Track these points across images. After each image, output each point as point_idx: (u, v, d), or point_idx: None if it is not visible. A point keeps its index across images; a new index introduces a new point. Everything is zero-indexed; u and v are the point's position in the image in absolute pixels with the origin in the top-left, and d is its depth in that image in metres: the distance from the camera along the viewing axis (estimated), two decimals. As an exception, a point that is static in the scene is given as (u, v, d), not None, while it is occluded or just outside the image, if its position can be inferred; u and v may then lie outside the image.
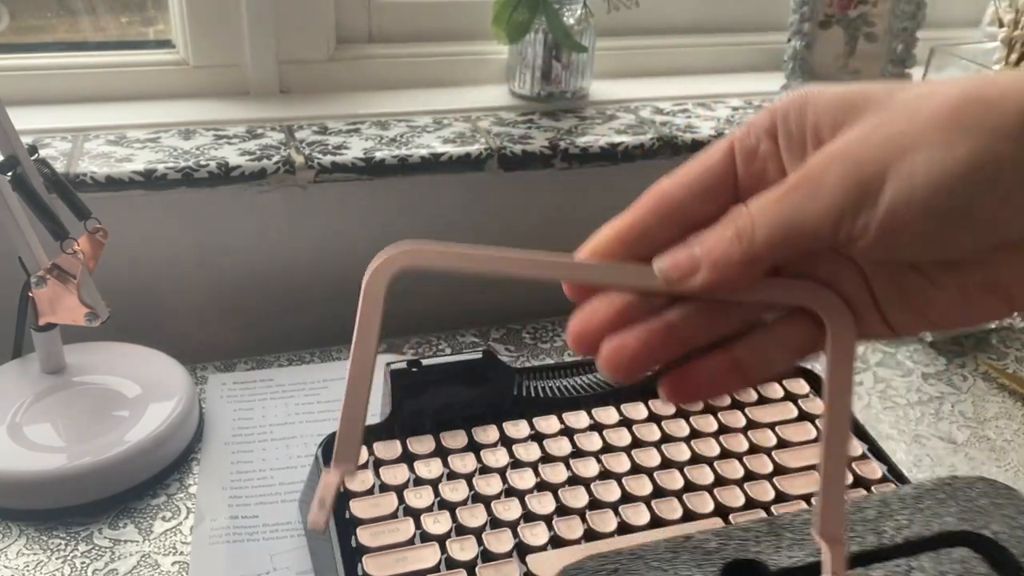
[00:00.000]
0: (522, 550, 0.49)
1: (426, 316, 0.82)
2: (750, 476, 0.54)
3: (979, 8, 1.00)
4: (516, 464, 0.54)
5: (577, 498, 0.52)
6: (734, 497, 0.53)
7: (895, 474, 0.56)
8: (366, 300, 0.30)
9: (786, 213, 0.27)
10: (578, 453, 0.55)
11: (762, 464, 0.55)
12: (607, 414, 0.57)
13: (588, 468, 0.54)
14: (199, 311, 0.76)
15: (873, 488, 0.54)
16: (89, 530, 0.54)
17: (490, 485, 0.52)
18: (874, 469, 0.56)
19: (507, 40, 0.81)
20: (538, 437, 0.56)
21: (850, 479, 0.55)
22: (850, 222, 0.26)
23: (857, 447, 0.57)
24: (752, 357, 0.30)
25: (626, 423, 0.57)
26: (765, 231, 0.27)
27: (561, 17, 0.80)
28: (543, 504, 0.51)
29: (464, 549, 0.48)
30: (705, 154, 0.31)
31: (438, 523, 0.49)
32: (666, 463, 0.55)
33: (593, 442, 0.55)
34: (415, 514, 0.50)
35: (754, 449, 0.56)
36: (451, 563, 0.48)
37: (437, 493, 0.51)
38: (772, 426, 0.57)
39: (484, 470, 0.53)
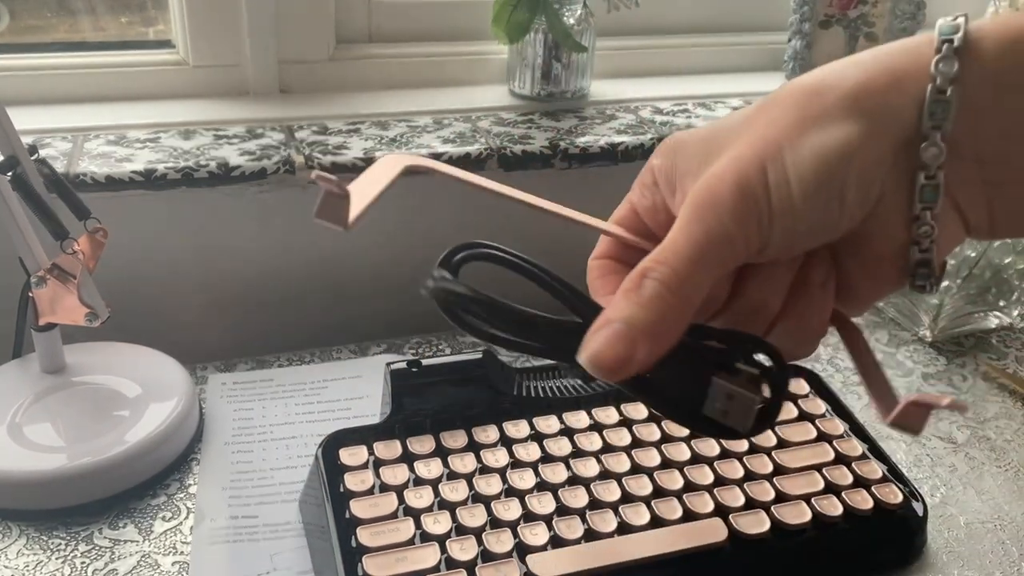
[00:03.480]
0: (522, 550, 0.49)
1: (426, 316, 0.81)
2: (750, 476, 0.54)
3: (979, 9, 1.00)
4: (516, 464, 0.54)
5: (577, 498, 0.52)
6: (734, 497, 0.53)
7: (895, 474, 0.56)
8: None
9: (697, 240, 0.28)
10: (578, 453, 0.55)
11: (762, 464, 0.55)
12: (607, 414, 0.57)
13: (588, 468, 0.54)
14: (199, 311, 0.76)
15: (874, 488, 0.54)
16: (89, 530, 0.54)
17: (490, 485, 0.52)
18: (874, 469, 0.56)
19: (507, 40, 0.81)
20: (538, 437, 0.56)
21: (859, 450, 0.56)
22: (755, 227, 0.28)
23: (857, 447, 0.57)
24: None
25: (626, 423, 0.57)
26: (686, 267, 0.28)
27: (561, 17, 0.80)
28: (543, 504, 0.51)
29: (464, 549, 0.48)
30: (614, 222, 0.35)
31: (438, 523, 0.49)
32: (666, 463, 0.55)
33: (593, 442, 0.55)
34: (415, 514, 0.50)
35: (754, 449, 0.56)
36: (451, 563, 0.47)
37: (437, 493, 0.51)
38: (772, 426, 0.58)
39: (484, 470, 0.53)
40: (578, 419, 0.57)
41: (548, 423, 0.56)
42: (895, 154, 0.27)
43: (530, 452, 0.54)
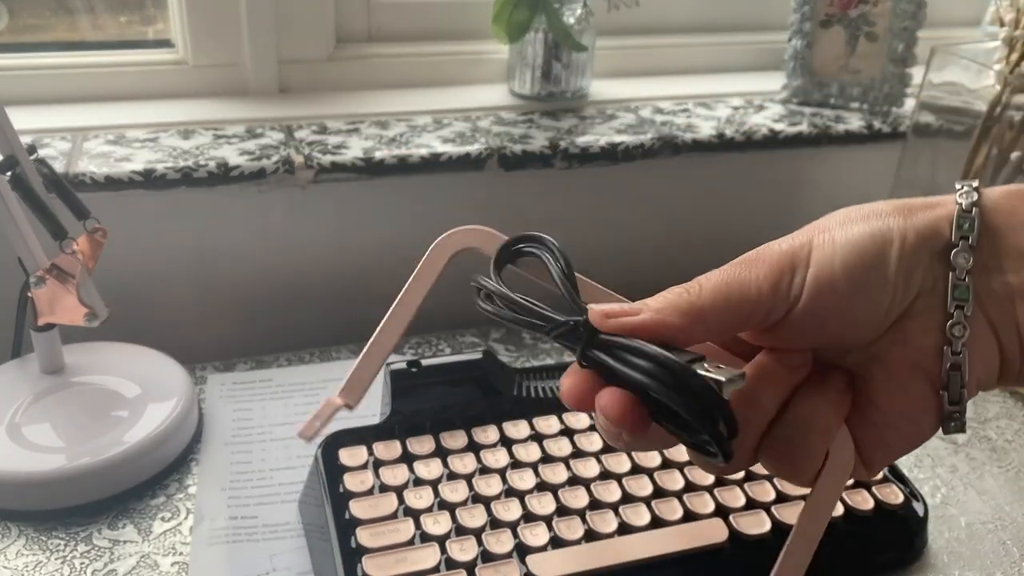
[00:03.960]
0: (522, 551, 0.48)
1: (426, 316, 0.81)
2: (751, 476, 0.54)
3: (980, 8, 1.00)
4: (516, 464, 0.54)
5: (577, 498, 0.52)
6: (735, 497, 0.52)
7: (896, 474, 0.56)
8: (426, 263, 0.34)
9: (730, 276, 0.31)
10: (578, 453, 0.55)
11: (763, 464, 0.55)
12: (607, 414, 0.57)
13: (588, 468, 0.54)
14: (198, 311, 0.76)
15: (874, 489, 0.54)
16: (88, 531, 0.54)
17: (490, 486, 0.52)
18: (875, 469, 0.55)
19: (507, 39, 0.81)
20: (538, 437, 0.55)
21: (851, 481, 0.55)
22: (787, 282, 0.31)
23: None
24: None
25: (626, 423, 0.57)
26: (711, 288, 0.31)
27: (561, 16, 0.80)
28: (543, 504, 0.51)
29: (464, 550, 0.48)
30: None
31: (438, 524, 0.49)
32: (666, 463, 0.55)
33: (593, 442, 0.55)
34: (415, 514, 0.50)
35: (755, 449, 0.56)
36: (451, 564, 0.47)
37: (437, 493, 0.51)
38: (773, 426, 0.57)
39: (484, 470, 0.53)
40: (578, 419, 0.57)
41: (548, 423, 0.56)
42: (931, 257, 0.31)
43: (530, 452, 0.54)
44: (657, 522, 0.51)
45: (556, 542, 0.49)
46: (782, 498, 0.53)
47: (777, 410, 0.32)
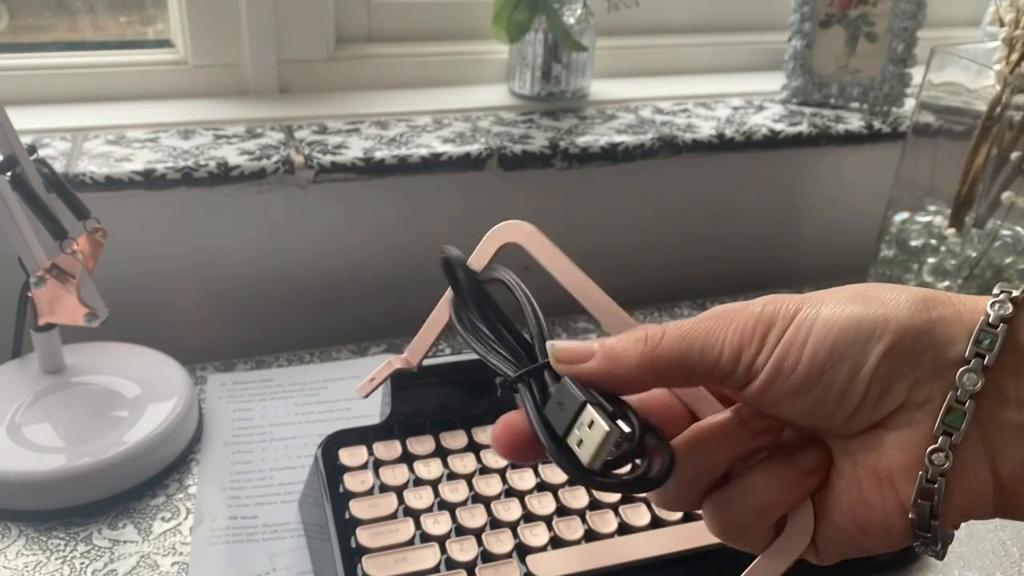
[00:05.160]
0: (522, 551, 0.49)
1: (425, 316, 0.81)
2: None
3: (980, 8, 1.00)
4: (516, 464, 0.54)
5: (577, 498, 0.52)
6: (735, 497, 0.52)
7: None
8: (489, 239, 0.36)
9: (695, 331, 0.29)
10: (578, 453, 0.55)
11: (763, 464, 0.55)
12: (607, 414, 0.57)
13: (588, 468, 0.53)
14: (198, 311, 0.76)
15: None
16: (88, 531, 0.54)
17: (490, 486, 0.52)
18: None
19: (507, 40, 0.81)
20: (538, 437, 0.55)
21: None
22: (752, 354, 0.28)
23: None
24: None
25: (626, 423, 0.57)
26: (671, 340, 0.29)
27: (561, 17, 0.80)
28: (543, 504, 0.51)
29: (464, 550, 0.48)
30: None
31: (438, 524, 0.49)
32: (666, 463, 0.54)
33: (593, 442, 0.55)
34: (415, 515, 0.50)
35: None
36: (451, 564, 0.47)
37: (437, 494, 0.51)
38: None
39: (484, 471, 0.53)
40: (578, 419, 0.57)
41: (548, 423, 0.56)
42: (932, 369, 0.27)
43: (530, 452, 0.54)
44: (657, 522, 0.51)
45: (556, 542, 0.49)
46: (782, 498, 0.53)
47: (729, 467, 0.30)
